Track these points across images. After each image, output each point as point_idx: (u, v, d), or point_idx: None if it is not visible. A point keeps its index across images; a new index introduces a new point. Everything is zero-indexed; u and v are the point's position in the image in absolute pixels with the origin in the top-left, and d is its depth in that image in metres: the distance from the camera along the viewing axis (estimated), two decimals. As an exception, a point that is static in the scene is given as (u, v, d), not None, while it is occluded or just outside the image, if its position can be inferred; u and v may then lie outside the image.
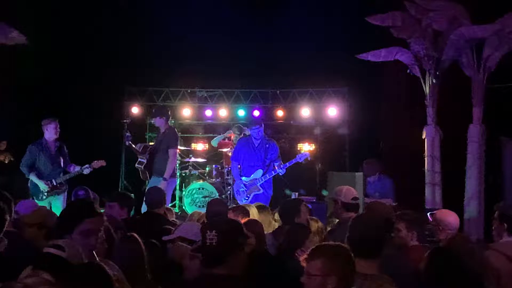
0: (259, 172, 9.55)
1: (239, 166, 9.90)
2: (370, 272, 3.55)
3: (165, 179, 9.14)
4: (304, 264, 3.36)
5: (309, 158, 9.90)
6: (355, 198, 5.96)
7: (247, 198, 9.48)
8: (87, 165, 8.95)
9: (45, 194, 8.91)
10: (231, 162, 10.18)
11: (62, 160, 9.10)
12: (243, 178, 9.68)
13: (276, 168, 9.47)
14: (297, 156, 9.70)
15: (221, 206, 6.35)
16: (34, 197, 8.90)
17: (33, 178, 8.93)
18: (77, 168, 9.02)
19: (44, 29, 11.32)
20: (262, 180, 9.51)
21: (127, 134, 9.69)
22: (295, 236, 4.90)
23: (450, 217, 5.71)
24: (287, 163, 9.55)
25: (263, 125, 9.72)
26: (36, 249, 4.22)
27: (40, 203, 8.50)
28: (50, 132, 8.97)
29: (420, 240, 4.86)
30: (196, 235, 4.53)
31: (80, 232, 3.73)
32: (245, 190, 9.59)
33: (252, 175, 9.58)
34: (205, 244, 3.57)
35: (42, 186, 8.90)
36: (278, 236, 5.50)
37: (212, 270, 3.52)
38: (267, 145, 9.66)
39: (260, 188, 9.53)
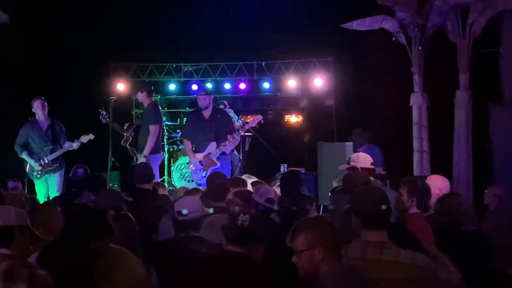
0: (213, 145, 9.05)
1: (191, 143, 9.45)
2: (383, 240, 3.56)
3: (144, 156, 8.93)
4: (290, 244, 3.33)
5: (262, 121, 9.45)
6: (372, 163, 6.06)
7: (204, 176, 8.85)
8: (76, 140, 9.03)
9: (39, 172, 9.00)
10: (183, 140, 9.68)
11: (55, 139, 9.12)
12: (197, 154, 9.19)
13: (230, 137, 9.00)
14: (249, 121, 9.37)
15: (222, 178, 6.44)
16: (30, 176, 9.13)
17: (24, 157, 9.07)
18: (67, 144, 9.05)
19: (25, 5, 11.14)
20: (217, 153, 9.02)
21: (102, 112, 9.58)
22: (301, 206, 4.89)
23: (441, 182, 5.74)
24: (240, 131, 9.20)
25: (211, 95, 9.38)
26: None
27: (36, 182, 9.06)
28: (36, 111, 9.03)
29: (420, 208, 4.89)
30: (195, 207, 4.55)
31: None
32: (202, 168, 9.09)
33: (206, 150, 9.12)
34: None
35: (33, 164, 9.00)
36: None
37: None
38: (218, 116, 9.24)
39: (217, 162, 9.03)
